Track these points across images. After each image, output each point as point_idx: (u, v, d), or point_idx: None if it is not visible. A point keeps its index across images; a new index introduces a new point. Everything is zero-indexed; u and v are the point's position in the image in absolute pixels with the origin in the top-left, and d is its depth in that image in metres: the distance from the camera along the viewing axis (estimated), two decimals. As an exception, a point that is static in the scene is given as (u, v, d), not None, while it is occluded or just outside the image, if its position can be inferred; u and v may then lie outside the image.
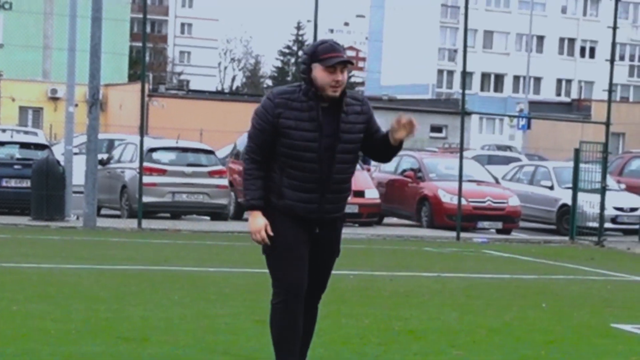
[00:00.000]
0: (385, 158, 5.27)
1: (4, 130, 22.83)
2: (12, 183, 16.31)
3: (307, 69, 4.56)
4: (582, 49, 67.98)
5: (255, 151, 4.66)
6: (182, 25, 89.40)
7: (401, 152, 8.69)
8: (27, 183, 15.79)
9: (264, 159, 4.63)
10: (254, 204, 4.63)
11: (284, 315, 4.81)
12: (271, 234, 4.59)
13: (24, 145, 18.08)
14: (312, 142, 4.55)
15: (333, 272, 4.75)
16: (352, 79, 73.17)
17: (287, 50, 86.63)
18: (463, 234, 17.31)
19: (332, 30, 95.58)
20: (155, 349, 6.09)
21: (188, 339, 6.55)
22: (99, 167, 16.34)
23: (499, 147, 38.67)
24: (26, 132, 23.79)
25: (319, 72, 4.45)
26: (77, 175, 16.16)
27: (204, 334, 6.81)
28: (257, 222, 4.60)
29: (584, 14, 66.56)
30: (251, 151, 4.67)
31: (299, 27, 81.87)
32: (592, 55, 66.62)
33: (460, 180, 17.07)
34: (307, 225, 4.71)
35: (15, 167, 16.56)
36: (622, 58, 58.72)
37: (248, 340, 6.53)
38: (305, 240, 4.68)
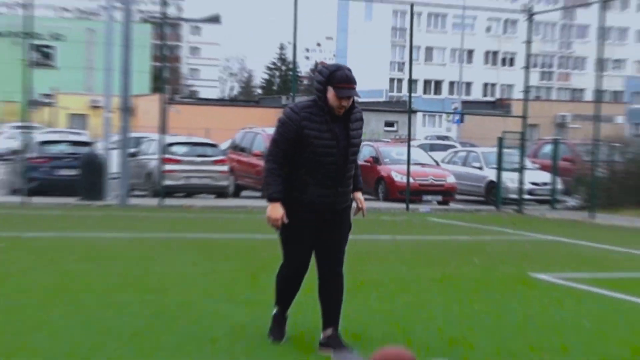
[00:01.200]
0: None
1: (57, 132, 26.26)
2: (64, 172, 17.84)
3: (323, 89, 4.68)
4: (503, 60, 78.68)
5: (278, 154, 4.78)
6: (192, 48, 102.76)
7: (363, 143, 9.31)
8: (75, 172, 17.39)
9: (285, 161, 4.76)
10: (276, 196, 4.75)
11: (287, 281, 5.13)
12: (286, 221, 4.71)
13: (72, 143, 20.28)
14: (331, 149, 4.71)
15: None
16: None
17: (272, 66, 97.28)
18: (411, 206, 18.80)
19: (307, 49, 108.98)
20: (174, 298, 6.78)
21: (199, 290, 7.20)
22: (130, 158, 18.06)
23: (439, 137, 43.28)
24: (74, 133, 27.39)
25: (331, 95, 4.61)
26: (113, 165, 18.04)
27: (211, 285, 7.45)
28: (278, 211, 4.71)
29: (504, 32, 77.66)
30: (275, 154, 4.80)
31: (281, 47, 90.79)
32: (511, 64, 76.24)
33: (409, 164, 18.87)
34: (321, 214, 4.83)
35: (66, 160, 18.18)
36: (535, 66, 73.76)
37: (245, 289, 7.19)
38: (315, 230, 4.84)
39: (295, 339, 5.26)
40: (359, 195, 5.12)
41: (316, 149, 4.65)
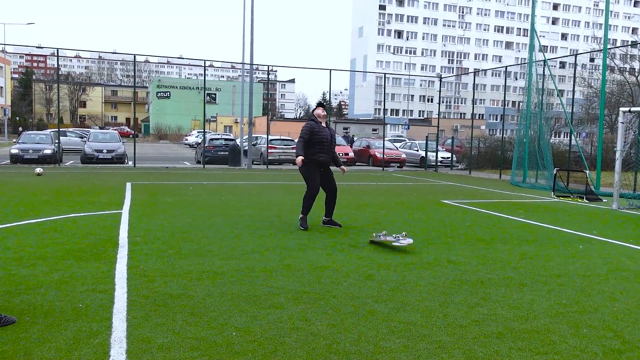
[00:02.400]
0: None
1: (218, 134, 36.09)
2: (221, 153, 25.75)
3: (312, 114, 8.58)
4: (429, 99, 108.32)
5: (303, 138, 8.26)
6: (281, 94, 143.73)
7: (361, 138, 22.43)
8: (226, 153, 25.34)
9: (306, 142, 8.29)
10: (300, 154, 8.19)
11: (309, 199, 8.38)
12: (303, 164, 8.28)
13: (225, 139, 28.59)
14: (324, 139, 8.31)
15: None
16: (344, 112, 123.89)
17: (321, 101, 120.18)
18: (385, 168, 26.41)
19: (335, 95, 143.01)
20: (273, 211, 9.04)
21: (287, 208, 9.43)
22: (252, 146, 25.76)
23: (397, 136, 54.98)
24: (226, 135, 36.25)
25: (317, 114, 8.51)
26: (244, 149, 26.38)
27: (294, 205, 9.61)
28: (300, 159, 8.18)
29: (431, 85, 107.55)
30: (302, 139, 8.32)
31: (323, 94, 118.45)
32: (430, 101, 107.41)
33: (383, 148, 27.22)
34: (321, 166, 8.37)
35: (222, 147, 26.20)
36: (443, 102, 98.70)
37: (313, 207, 9.47)
38: (319, 172, 8.42)
39: (311, 227, 8.32)
40: (343, 166, 8.73)
41: (320, 139, 8.23)
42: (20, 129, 47.48)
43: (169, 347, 3.57)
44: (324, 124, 8.42)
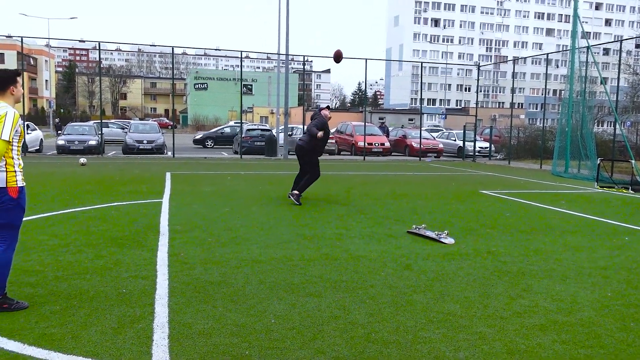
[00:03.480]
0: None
1: (254, 125, 34.73)
2: (258, 143, 26.15)
3: (318, 112, 9.64)
4: (467, 88, 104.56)
5: (317, 127, 9.33)
6: (318, 85, 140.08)
7: (397, 128, 22.70)
8: (263, 143, 25.49)
9: (318, 131, 9.35)
10: (315, 132, 9.50)
11: (311, 182, 9.62)
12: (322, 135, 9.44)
13: (261, 130, 29.02)
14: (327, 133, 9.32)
15: (369, 171, 9.94)
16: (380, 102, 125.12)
17: (355, 92, 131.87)
18: (422, 159, 25.76)
19: (371, 85, 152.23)
20: (306, 199, 9.06)
21: (318, 193, 9.47)
22: (288, 137, 25.20)
23: (434, 126, 54.96)
24: (262, 126, 34.24)
25: (325, 114, 9.60)
26: (280, 140, 25.64)
27: (329, 191, 9.60)
28: (319, 134, 9.30)
29: (468, 75, 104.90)
30: (315, 127, 9.39)
31: (359, 84, 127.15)
32: (468, 89, 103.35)
33: (420, 138, 26.59)
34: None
35: (259, 137, 26.67)
36: (480, 90, 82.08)
37: (342, 193, 9.51)
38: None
39: (348, 216, 8.30)
40: None
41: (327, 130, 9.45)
42: (56, 120, 48.59)
43: (210, 333, 3.62)
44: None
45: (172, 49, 23.31)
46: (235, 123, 48.29)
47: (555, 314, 4.16)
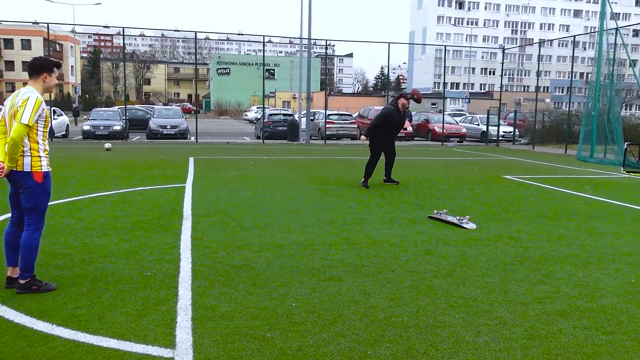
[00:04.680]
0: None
1: (277, 109, 35.82)
2: (280, 128, 25.94)
3: (396, 101, 9.47)
4: (491, 71, 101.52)
5: (377, 125, 9.48)
6: (338, 68, 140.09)
7: (420, 111, 22.76)
8: (285, 128, 25.38)
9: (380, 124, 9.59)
10: (366, 135, 9.97)
11: (372, 166, 9.59)
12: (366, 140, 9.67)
13: (284, 115, 28.80)
14: (398, 123, 9.80)
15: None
16: (402, 86, 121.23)
17: (378, 76, 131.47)
18: (445, 143, 25.49)
19: (394, 69, 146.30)
20: (331, 186, 9.01)
21: (336, 184, 9.36)
22: (310, 121, 25.73)
23: (457, 110, 54.67)
24: (284, 110, 35.49)
25: (401, 102, 9.47)
26: (302, 124, 25.82)
27: (348, 179, 9.51)
28: (362, 138, 10.11)
29: (493, 57, 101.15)
30: (375, 125, 9.54)
31: (382, 68, 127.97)
32: (492, 74, 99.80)
33: (443, 122, 26.03)
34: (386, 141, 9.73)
35: (281, 122, 26.40)
36: (505, 74, 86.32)
37: (360, 176, 9.47)
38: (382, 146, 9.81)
39: (369, 202, 8.35)
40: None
41: (394, 124, 9.55)
42: (74, 105, 48.82)
43: (232, 316, 3.68)
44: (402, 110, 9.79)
45: (195, 34, 23.39)
46: (257, 108, 48.31)
47: (577, 300, 4.13)
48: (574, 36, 23.35)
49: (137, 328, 3.45)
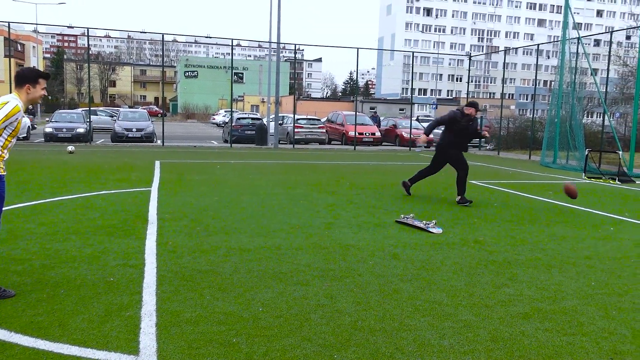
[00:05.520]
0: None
1: (245, 113, 34.38)
2: (248, 132, 25.58)
3: (462, 109, 9.04)
4: (458, 78, 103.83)
5: (438, 122, 9.45)
6: (307, 73, 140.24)
7: (388, 118, 22.75)
8: (253, 132, 25.23)
9: (438, 126, 9.50)
10: (427, 133, 9.46)
11: (465, 178, 9.16)
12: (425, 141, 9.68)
13: (252, 119, 27.78)
14: (465, 130, 9.19)
15: (359, 161, 10.81)
16: (371, 91, 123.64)
17: (346, 81, 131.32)
18: (412, 148, 25.48)
19: (362, 75, 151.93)
20: (299, 191, 9.04)
21: (310, 188, 9.39)
22: (279, 125, 25.76)
23: (425, 116, 56.64)
24: (253, 114, 34.53)
25: (467, 110, 9.12)
26: (271, 129, 25.77)
27: (317, 184, 9.66)
28: (423, 138, 9.61)
29: (459, 64, 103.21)
30: (437, 122, 9.50)
31: (350, 73, 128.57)
32: (459, 80, 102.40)
33: (410, 128, 26.12)
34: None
35: (249, 126, 25.97)
36: (471, 80, 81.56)
37: (332, 185, 9.44)
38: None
39: (337, 206, 8.43)
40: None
41: (462, 129, 9.11)
42: (30, 107, 47.64)
43: (197, 321, 3.64)
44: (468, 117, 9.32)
45: (162, 36, 23.13)
46: (225, 111, 48.08)
47: (539, 303, 4.23)
48: (538, 45, 23.97)
49: (99, 334, 3.39)
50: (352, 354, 3.25)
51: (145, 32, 27.04)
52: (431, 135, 9.67)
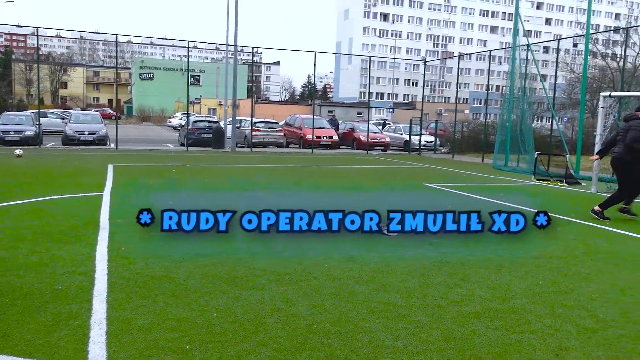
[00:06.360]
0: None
1: (201, 117, 34.11)
2: (205, 135, 25.03)
3: (635, 113, 8.01)
4: (414, 83, 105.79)
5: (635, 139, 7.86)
6: (266, 76, 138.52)
7: (346, 121, 25.22)
8: (210, 135, 24.66)
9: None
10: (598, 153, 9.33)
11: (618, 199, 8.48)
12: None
13: (209, 122, 27.45)
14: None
15: (317, 164, 9.29)
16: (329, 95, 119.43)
17: (305, 85, 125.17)
18: (369, 152, 25.74)
19: (321, 79, 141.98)
20: (260, 191, 8.95)
21: (271, 187, 9.47)
22: (236, 129, 25.35)
23: (382, 120, 55.52)
24: (209, 117, 34.29)
25: None
26: (228, 132, 25.36)
27: (273, 185, 9.79)
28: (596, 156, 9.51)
29: (415, 69, 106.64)
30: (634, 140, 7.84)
31: (309, 77, 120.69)
32: (415, 84, 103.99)
33: (368, 131, 26.73)
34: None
35: (206, 129, 25.45)
36: (427, 85, 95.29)
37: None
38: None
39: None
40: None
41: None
42: None
43: (150, 328, 3.57)
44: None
45: (116, 36, 22.63)
46: (182, 114, 47.48)
47: (490, 302, 4.33)
48: (490, 51, 24.65)
49: (46, 345, 3.28)
50: (307, 357, 3.25)
51: (99, 33, 26.46)
52: None
